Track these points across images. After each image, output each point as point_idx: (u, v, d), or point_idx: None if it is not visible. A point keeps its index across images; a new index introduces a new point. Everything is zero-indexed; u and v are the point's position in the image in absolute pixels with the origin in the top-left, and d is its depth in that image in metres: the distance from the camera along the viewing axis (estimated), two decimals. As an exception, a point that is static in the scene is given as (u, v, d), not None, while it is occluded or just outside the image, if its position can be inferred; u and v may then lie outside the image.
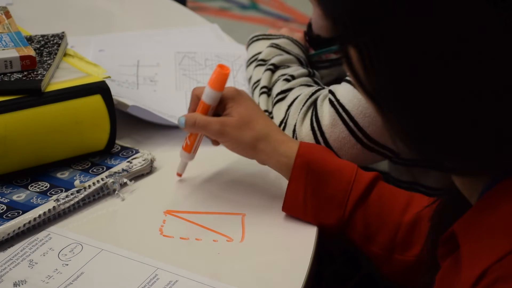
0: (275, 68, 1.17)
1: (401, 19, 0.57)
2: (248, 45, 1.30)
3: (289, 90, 1.12)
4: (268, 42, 1.25)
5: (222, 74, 0.98)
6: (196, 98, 1.01)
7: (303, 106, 1.08)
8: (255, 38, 1.29)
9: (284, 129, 1.09)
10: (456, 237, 0.66)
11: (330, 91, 1.06)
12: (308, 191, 0.95)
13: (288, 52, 1.21)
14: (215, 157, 1.08)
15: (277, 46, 1.22)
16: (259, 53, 1.24)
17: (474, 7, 0.55)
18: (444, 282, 0.69)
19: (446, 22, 0.56)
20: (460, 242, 0.65)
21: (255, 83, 1.20)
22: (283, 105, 1.11)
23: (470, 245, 0.64)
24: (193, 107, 1.01)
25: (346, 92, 1.05)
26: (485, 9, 0.55)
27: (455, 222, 0.67)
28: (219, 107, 1.00)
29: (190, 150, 1.02)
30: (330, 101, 1.05)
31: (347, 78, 1.07)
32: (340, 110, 1.04)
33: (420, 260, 0.92)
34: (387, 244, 0.94)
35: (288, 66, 1.17)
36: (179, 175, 1.04)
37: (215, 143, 1.02)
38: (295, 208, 0.97)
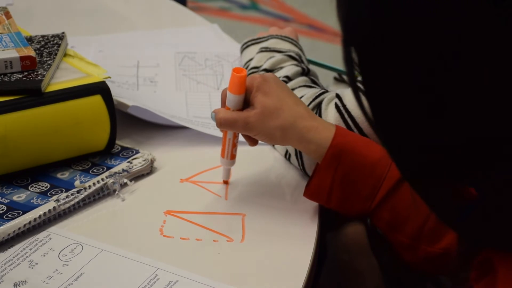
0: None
1: (394, 20, 0.57)
2: (241, 53, 1.30)
3: None
4: (258, 47, 1.24)
5: (238, 78, 0.96)
6: (224, 101, 0.99)
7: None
8: (245, 46, 1.29)
9: None
10: (492, 260, 0.63)
11: (338, 96, 1.05)
12: (335, 182, 0.95)
13: (279, 51, 1.20)
14: (215, 157, 1.08)
15: (266, 49, 1.21)
16: (251, 59, 1.23)
17: (474, 6, 0.55)
18: None
19: (445, 22, 0.56)
20: (496, 265, 0.62)
21: None
22: None
23: (508, 268, 0.61)
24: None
25: (354, 98, 1.04)
26: (485, 9, 0.55)
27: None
28: (248, 97, 0.98)
29: (223, 154, 1.02)
30: (336, 106, 1.04)
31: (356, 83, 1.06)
32: (346, 115, 1.03)
33: (447, 252, 0.92)
34: (414, 235, 0.94)
35: (282, 67, 1.16)
36: (224, 181, 1.04)
37: (251, 143, 1.00)
38: (319, 196, 0.97)
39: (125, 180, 1.02)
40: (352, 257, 1.06)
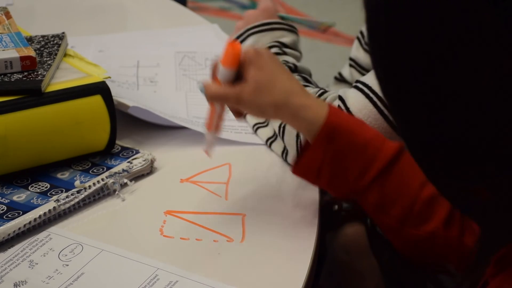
0: None
1: (394, 20, 0.57)
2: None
3: None
4: (252, 39, 1.22)
5: (233, 51, 0.93)
6: (214, 73, 0.96)
7: None
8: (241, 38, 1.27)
9: (283, 133, 1.06)
10: (510, 256, 0.64)
11: (340, 98, 1.04)
12: (326, 160, 0.93)
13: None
14: (215, 158, 1.08)
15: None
16: None
17: (474, 6, 0.55)
18: None
19: (445, 22, 0.56)
20: None
21: None
22: None
23: None
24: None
25: (357, 101, 1.02)
26: (485, 9, 0.55)
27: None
28: (239, 70, 0.95)
29: (210, 127, 0.97)
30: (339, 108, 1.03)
31: (358, 85, 1.05)
32: None
33: (433, 236, 0.92)
34: (400, 217, 0.93)
35: None
36: (206, 153, 0.99)
37: (237, 116, 0.98)
38: (308, 173, 0.96)
39: (125, 180, 1.02)
40: (352, 258, 1.06)
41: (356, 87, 1.04)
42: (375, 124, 1.01)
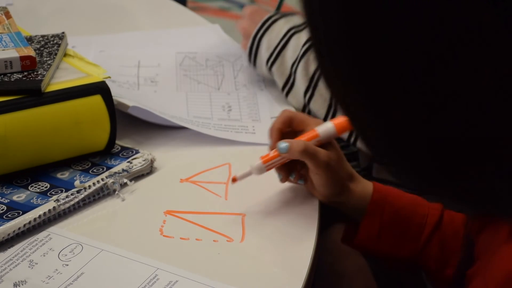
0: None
1: (393, 19, 0.57)
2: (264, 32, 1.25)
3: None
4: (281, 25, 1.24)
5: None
6: (287, 120, 0.99)
7: None
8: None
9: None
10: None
11: None
12: (383, 225, 0.98)
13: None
14: (215, 157, 1.08)
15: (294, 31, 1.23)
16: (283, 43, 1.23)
17: (474, 6, 0.55)
18: (487, 251, 0.68)
19: (445, 22, 0.56)
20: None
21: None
22: None
23: None
24: (280, 126, 0.99)
25: None
26: (485, 9, 0.55)
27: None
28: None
29: (266, 164, 0.97)
30: None
31: None
32: None
33: None
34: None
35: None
36: (235, 179, 0.98)
37: (285, 180, 0.99)
38: (368, 241, 0.99)
39: (125, 180, 1.02)
40: (336, 259, 1.06)
41: None
42: None
